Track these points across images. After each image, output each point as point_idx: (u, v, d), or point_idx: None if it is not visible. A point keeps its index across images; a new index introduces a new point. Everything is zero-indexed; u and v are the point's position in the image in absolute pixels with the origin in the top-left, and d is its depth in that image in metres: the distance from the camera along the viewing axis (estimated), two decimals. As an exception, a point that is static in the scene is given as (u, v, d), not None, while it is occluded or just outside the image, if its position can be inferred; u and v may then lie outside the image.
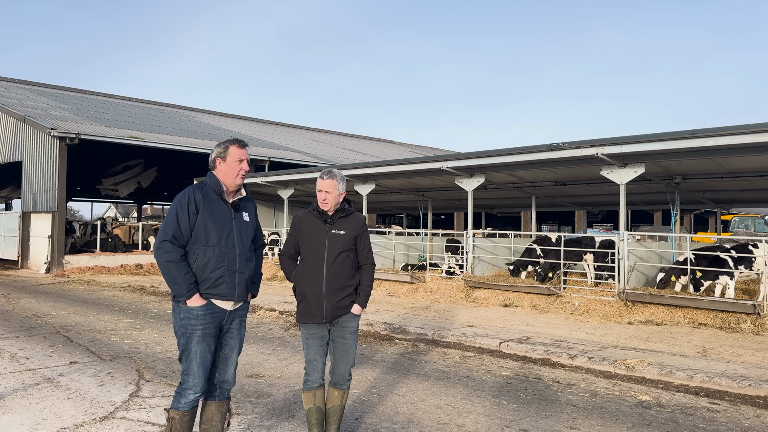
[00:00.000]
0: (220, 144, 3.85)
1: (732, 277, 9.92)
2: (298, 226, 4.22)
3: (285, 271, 4.27)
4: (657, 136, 9.88)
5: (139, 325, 9.61)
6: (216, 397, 3.81)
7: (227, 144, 3.80)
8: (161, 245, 3.56)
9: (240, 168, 3.77)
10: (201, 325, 3.59)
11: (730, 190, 15.24)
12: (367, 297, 4.23)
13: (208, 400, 3.81)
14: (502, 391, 5.95)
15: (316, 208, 4.17)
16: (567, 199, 18.73)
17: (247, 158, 3.83)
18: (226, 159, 3.75)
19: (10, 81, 30.07)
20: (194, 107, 37.53)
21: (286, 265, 4.27)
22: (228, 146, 3.79)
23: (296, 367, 6.83)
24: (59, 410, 5.11)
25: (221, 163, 3.76)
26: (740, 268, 10.05)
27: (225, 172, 3.76)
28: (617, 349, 7.62)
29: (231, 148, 3.78)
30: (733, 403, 5.67)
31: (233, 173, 3.76)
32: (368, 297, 4.23)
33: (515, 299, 11.75)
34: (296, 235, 4.21)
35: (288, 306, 11.52)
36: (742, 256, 10.15)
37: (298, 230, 4.21)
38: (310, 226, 4.16)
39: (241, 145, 3.80)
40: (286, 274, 4.28)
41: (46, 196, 19.91)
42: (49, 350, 7.56)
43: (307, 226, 4.17)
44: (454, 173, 13.54)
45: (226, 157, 3.75)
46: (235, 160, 3.75)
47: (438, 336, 8.72)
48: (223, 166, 3.76)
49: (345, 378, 4.15)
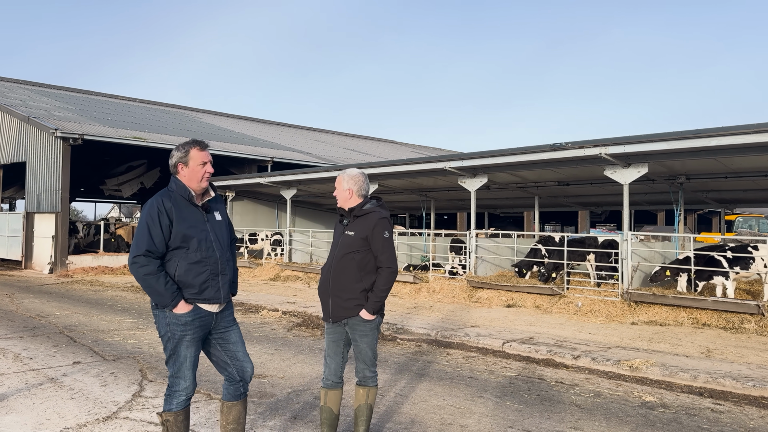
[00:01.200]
0: (179, 147, 3.68)
1: (726, 278, 9.89)
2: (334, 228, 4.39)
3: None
4: (660, 135, 9.85)
5: (142, 325, 9.62)
6: (240, 396, 3.79)
7: (187, 147, 3.65)
8: (135, 260, 3.43)
9: (204, 171, 3.65)
10: (190, 331, 3.55)
11: (733, 190, 15.20)
12: (377, 303, 4.02)
13: (234, 400, 3.78)
14: (505, 392, 5.94)
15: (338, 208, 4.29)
16: (570, 199, 18.70)
17: (210, 160, 3.70)
18: (188, 164, 3.63)
19: (14, 81, 30.16)
20: (197, 108, 37.61)
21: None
22: (188, 150, 3.64)
23: (299, 367, 6.83)
24: (62, 410, 5.12)
25: (183, 168, 3.63)
26: (736, 268, 9.99)
27: (189, 176, 3.63)
28: (621, 350, 7.60)
29: (192, 151, 3.65)
30: (738, 403, 5.65)
31: (197, 177, 3.64)
32: (378, 303, 4.02)
33: (518, 299, 11.73)
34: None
35: (291, 306, 11.52)
36: (738, 257, 10.07)
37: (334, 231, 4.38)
38: (336, 227, 4.30)
39: (201, 147, 3.68)
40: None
41: (50, 196, 19.96)
42: (52, 350, 7.57)
43: (335, 228, 4.32)
44: (457, 173, 13.53)
45: (188, 161, 3.63)
46: (198, 164, 3.64)
47: (441, 336, 8.71)
48: (186, 170, 3.63)
49: (365, 375, 4.15)
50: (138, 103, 33.82)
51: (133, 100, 34.21)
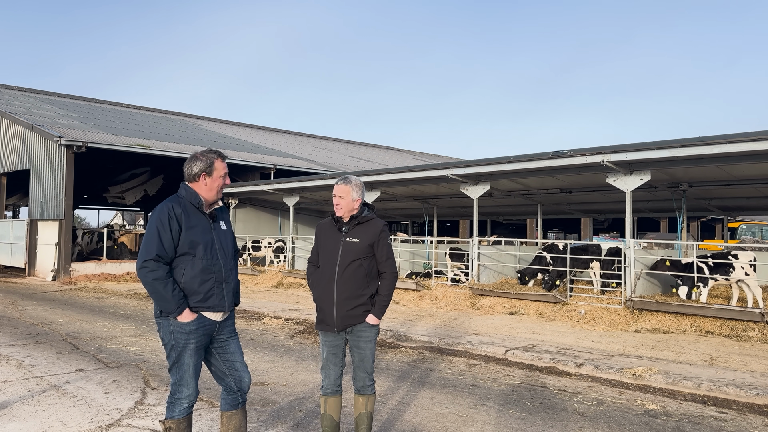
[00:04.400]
0: (200, 158, 3.66)
1: (705, 284, 10.15)
2: (318, 234, 4.27)
3: (307, 278, 4.32)
4: (663, 143, 9.86)
5: (145, 332, 9.63)
6: (239, 405, 3.81)
7: (212, 158, 3.66)
8: (145, 264, 3.44)
9: (223, 183, 3.70)
10: (194, 340, 3.57)
11: (736, 197, 15.18)
12: (384, 307, 4.10)
13: (233, 409, 3.79)
14: (508, 400, 5.93)
15: (333, 216, 4.21)
16: (573, 206, 18.69)
17: (227, 171, 3.74)
18: (212, 174, 3.65)
19: (18, 90, 30.32)
20: (200, 115, 37.72)
21: (309, 273, 4.32)
22: (213, 161, 3.65)
23: (301, 375, 6.83)
24: (65, 418, 5.12)
25: (206, 178, 3.64)
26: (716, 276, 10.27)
27: (210, 186, 3.65)
28: (624, 358, 7.58)
29: (216, 162, 3.66)
30: (741, 412, 5.63)
31: (216, 188, 3.67)
32: (385, 307, 4.11)
33: (521, 307, 11.71)
34: (317, 242, 4.26)
35: (293, 314, 11.52)
36: (719, 263, 10.32)
37: (317, 238, 4.26)
38: (327, 233, 4.19)
39: (223, 159, 3.72)
40: (308, 281, 4.32)
41: (54, 203, 20.03)
42: (55, 357, 7.58)
43: (324, 234, 4.21)
44: (460, 180, 13.55)
45: (212, 172, 3.65)
46: (220, 176, 3.68)
47: (443, 344, 8.70)
48: (209, 180, 3.64)
49: (365, 384, 4.15)
50: (141, 110, 33.96)
51: (136, 107, 34.36)
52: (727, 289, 12.29)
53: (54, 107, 26.80)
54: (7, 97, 27.25)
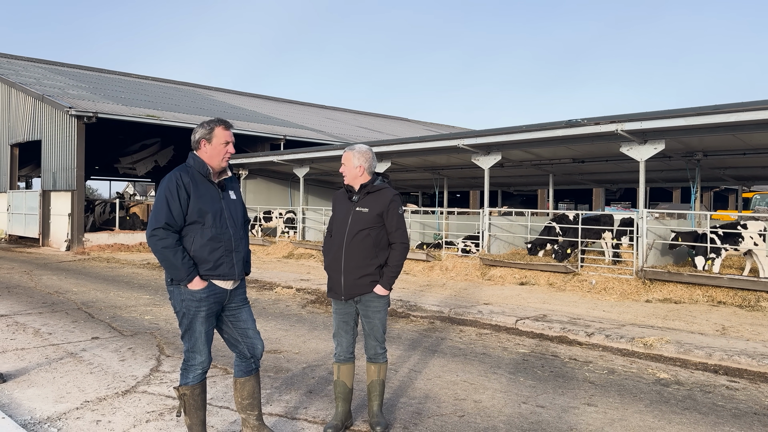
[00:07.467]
0: (204, 124, 3.69)
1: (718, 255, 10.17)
2: (333, 203, 4.30)
3: (323, 246, 4.33)
4: (678, 111, 9.69)
5: (158, 301, 9.74)
6: (252, 371, 3.85)
7: (212, 125, 3.67)
8: (155, 232, 3.46)
9: (226, 151, 3.68)
10: (205, 307, 3.59)
11: (752, 167, 14.97)
12: (393, 278, 4.09)
13: (246, 375, 3.83)
14: (519, 368, 5.96)
15: (344, 185, 4.22)
16: (585, 176, 18.52)
17: (233, 140, 3.73)
18: (212, 141, 3.65)
19: (28, 60, 30.25)
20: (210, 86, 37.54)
21: (324, 241, 4.33)
22: (213, 128, 3.66)
23: (313, 343, 6.89)
24: (82, 384, 5.22)
25: (206, 145, 3.65)
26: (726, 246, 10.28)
27: (210, 154, 3.65)
28: (635, 327, 7.58)
29: (216, 129, 3.66)
30: (753, 381, 5.63)
31: (219, 156, 3.66)
32: (394, 278, 4.09)
33: (531, 277, 11.71)
34: (332, 211, 4.29)
35: (304, 284, 11.60)
36: (729, 233, 10.32)
37: (333, 207, 4.29)
38: (340, 202, 4.21)
39: (226, 127, 3.70)
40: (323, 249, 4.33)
41: (66, 174, 20.13)
42: (71, 326, 7.69)
43: (337, 203, 4.24)
44: (471, 151, 13.44)
45: (212, 139, 3.65)
46: (221, 143, 3.66)
47: (454, 313, 8.74)
48: (209, 147, 3.65)
49: (377, 352, 4.19)
50: (151, 81, 33.82)
51: (146, 78, 34.21)
52: (740, 260, 12.22)
53: (64, 78, 26.74)
54: (17, 67, 27.21)
